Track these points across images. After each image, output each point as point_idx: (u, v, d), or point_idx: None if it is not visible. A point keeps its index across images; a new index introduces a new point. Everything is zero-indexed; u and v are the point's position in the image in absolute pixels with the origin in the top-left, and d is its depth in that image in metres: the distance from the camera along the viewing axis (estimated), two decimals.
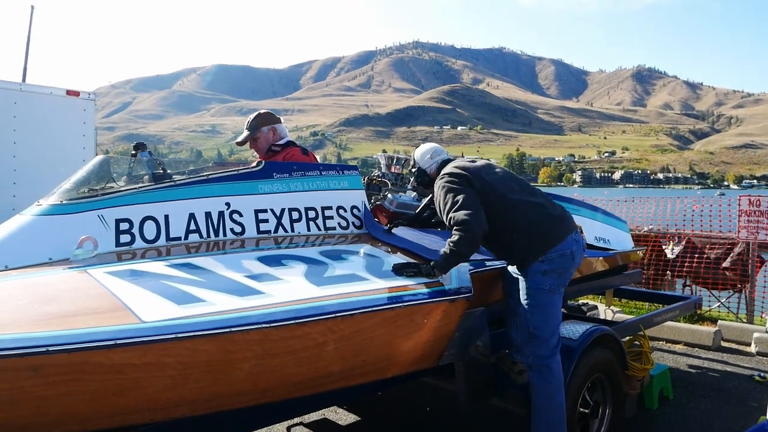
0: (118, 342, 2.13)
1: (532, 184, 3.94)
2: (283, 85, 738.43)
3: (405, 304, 2.90)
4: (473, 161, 3.68)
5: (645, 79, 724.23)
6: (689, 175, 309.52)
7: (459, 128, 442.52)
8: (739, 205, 8.18)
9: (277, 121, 4.30)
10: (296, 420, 4.70)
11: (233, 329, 2.36)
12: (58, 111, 6.92)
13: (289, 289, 2.72)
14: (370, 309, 2.75)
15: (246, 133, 4.23)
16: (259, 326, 2.42)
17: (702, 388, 5.60)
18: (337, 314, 2.64)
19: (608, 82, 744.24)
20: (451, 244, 3.16)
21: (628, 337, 4.94)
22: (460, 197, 3.28)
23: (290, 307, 2.56)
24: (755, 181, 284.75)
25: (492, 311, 3.74)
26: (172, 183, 3.38)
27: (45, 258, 2.78)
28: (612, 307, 7.54)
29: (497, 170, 3.59)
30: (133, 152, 3.57)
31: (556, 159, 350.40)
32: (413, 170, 3.84)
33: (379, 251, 3.49)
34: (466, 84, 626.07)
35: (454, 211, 3.25)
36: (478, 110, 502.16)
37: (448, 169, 3.54)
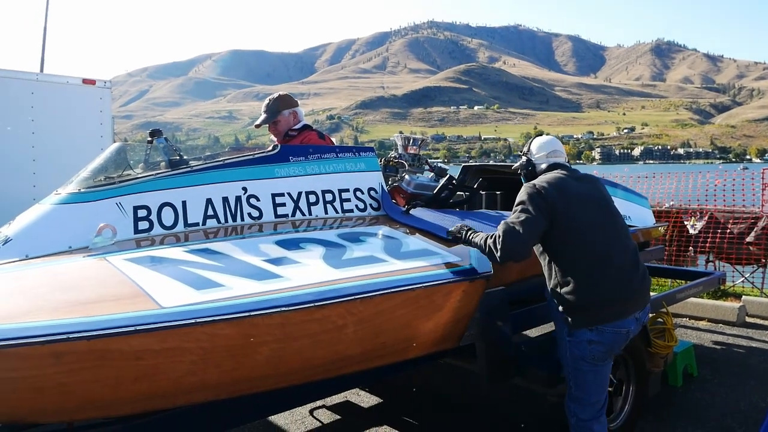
0: (138, 328, 2.14)
1: None
2: (298, 69, 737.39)
3: (425, 284, 2.88)
4: (585, 180, 3.21)
5: (664, 53, 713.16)
6: (710, 150, 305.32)
7: (476, 108, 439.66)
8: (762, 178, 8.05)
9: (296, 104, 4.27)
10: (319, 403, 4.72)
11: (253, 313, 2.36)
12: (74, 100, 6.94)
13: (308, 273, 2.72)
14: (389, 290, 2.75)
15: (265, 116, 4.19)
16: (279, 310, 2.42)
17: (727, 365, 5.54)
18: (356, 296, 2.63)
19: (626, 57, 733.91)
20: (487, 243, 3.01)
21: (651, 315, 4.89)
22: (525, 217, 2.95)
23: (309, 290, 2.56)
24: None
25: (512, 291, 3.72)
26: (189, 169, 3.39)
27: (65, 246, 2.79)
28: None
29: (599, 205, 3.13)
30: (149, 139, 3.58)
31: (575, 136, 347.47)
32: (524, 154, 3.43)
33: (398, 233, 3.47)
34: (482, 63, 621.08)
35: (510, 224, 2.95)
36: (495, 89, 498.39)
37: (548, 177, 3.12)
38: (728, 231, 8.52)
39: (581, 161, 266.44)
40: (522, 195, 3.07)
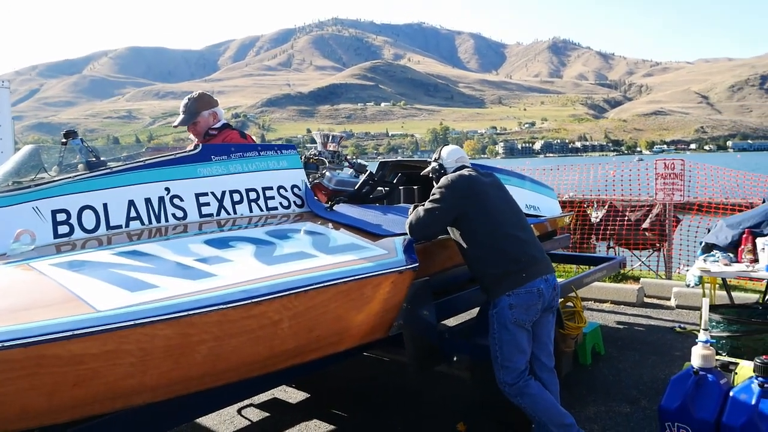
0: (77, 333, 2.11)
1: None
2: (200, 67, 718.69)
3: (356, 277, 2.98)
4: (487, 176, 3.79)
5: (560, 50, 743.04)
6: (605, 143, 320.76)
7: (383, 104, 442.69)
8: (655, 168, 8.64)
9: (216, 104, 4.27)
10: (246, 402, 4.72)
11: (191, 312, 2.37)
12: None
13: (241, 270, 2.75)
14: (322, 284, 2.82)
15: (183, 116, 4.17)
16: (217, 308, 2.44)
17: (630, 342, 5.95)
18: (291, 291, 2.70)
19: (525, 55, 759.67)
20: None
21: (561, 299, 5.19)
22: (433, 206, 3.54)
23: (244, 287, 2.59)
24: (665, 146, 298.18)
25: (435, 281, 3.87)
26: (109, 170, 3.33)
27: None
28: None
29: (502, 194, 3.75)
30: (64, 140, 3.48)
31: (479, 132, 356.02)
32: (435, 161, 3.97)
33: (324, 228, 3.55)
34: (387, 60, 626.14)
35: (424, 210, 3.55)
36: (401, 86, 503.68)
37: (459, 172, 3.72)
38: (626, 219, 9.10)
39: (485, 156, 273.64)
40: (440, 185, 3.64)
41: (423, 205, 3.63)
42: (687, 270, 8.20)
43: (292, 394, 4.95)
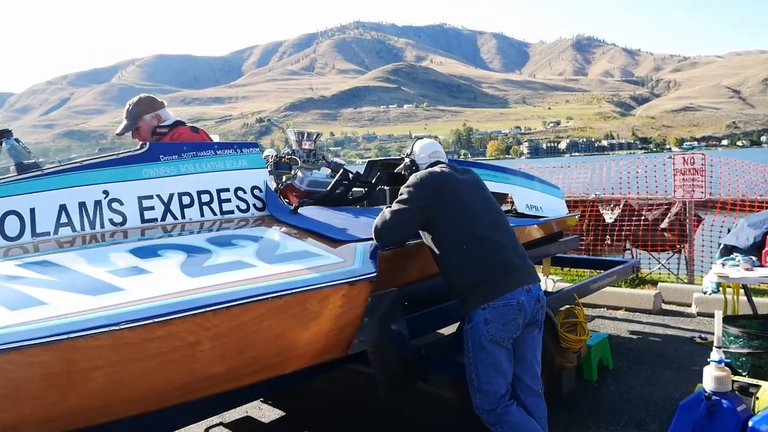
0: None
1: (479, 159, 3.64)
2: (225, 73, 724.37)
3: (295, 290, 2.54)
4: (464, 173, 3.34)
5: (585, 48, 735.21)
6: (632, 141, 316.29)
7: (405, 106, 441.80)
8: (673, 164, 8.10)
9: (161, 106, 3.93)
10: (216, 419, 4.36)
11: (74, 335, 1.98)
12: None
13: (156, 283, 2.35)
14: (251, 299, 2.39)
15: (126, 122, 3.84)
16: (108, 329, 2.04)
17: (642, 355, 5.45)
18: (209, 308, 2.27)
19: (549, 53, 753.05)
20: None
21: (565, 307, 4.74)
22: (400, 207, 3.12)
23: (149, 305, 2.18)
24: (695, 142, 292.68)
25: (408, 292, 3.46)
26: (40, 172, 3.01)
27: None
28: (552, 276, 7.36)
29: (478, 193, 3.27)
30: None
31: (503, 132, 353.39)
32: (407, 156, 3.60)
33: (278, 234, 3.15)
34: (409, 62, 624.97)
35: (390, 212, 3.12)
36: (423, 87, 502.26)
37: (431, 168, 3.32)
38: (643, 218, 8.56)
39: (510, 156, 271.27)
40: (406, 185, 3.23)
41: (390, 206, 3.21)
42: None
43: (266, 412, 4.56)
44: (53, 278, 2.30)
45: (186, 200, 3.30)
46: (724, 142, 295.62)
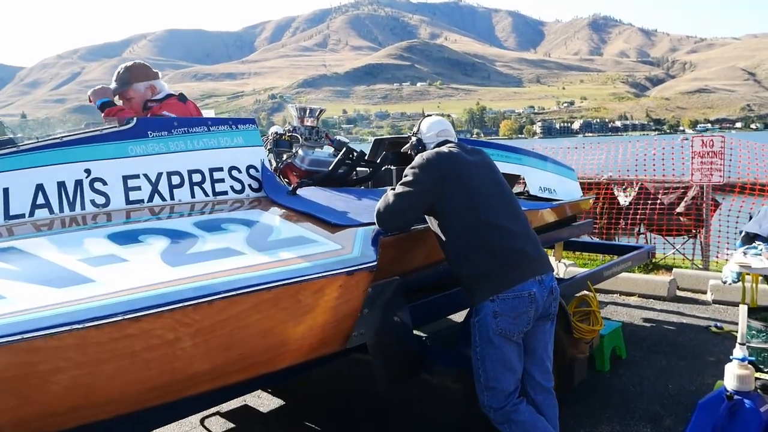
0: None
1: (492, 138, 3.38)
2: (237, 48, 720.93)
3: (286, 282, 2.33)
4: (474, 153, 3.08)
5: (601, 27, 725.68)
6: (646, 122, 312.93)
7: (419, 84, 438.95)
8: (692, 146, 7.81)
9: (155, 76, 3.71)
10: (213, 410, 4.20)
11: (29, 335, 1.78)
12: None
13: (132, 274, 2.15)
14: (237, 292, 2.18)
15: (115, 85, 3.61)
16: (70, 327, 1.83)
17: (656, 344, 5.24)
18: (188, 303, 2.06)
19: (565, 32, 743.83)
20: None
21: (577, 295, 4.54)
22: (405, 190, 2.88)
23: (120, 299, 1.97)
24: (709, 125, 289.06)
25: (412, 281, 3.26)
26: (16, 149, 2.80)
27: None
28: (564, 261, 7.14)
29: (490, 175, 3.04)
30: None
31: (516, 111, 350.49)
32: (413, 134, 3.35)
33: (273, 217, 2.95)
34: (423, 39, 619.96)
35: (394, 195, 2.89)
36: (437, 65, 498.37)
37: (438, 148, 3.06)
38: (659, 202, 8.29)
39: (523, 136, 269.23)
40: (410, 166, 2.98)
41: (394, 188, 2.98)
42: (726, 257, 7.41)
43: (265, 401, 4.40)
44: (16, 267, 2.10)
45: (176, 180, 3.11)
46: (738, 124, 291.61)
